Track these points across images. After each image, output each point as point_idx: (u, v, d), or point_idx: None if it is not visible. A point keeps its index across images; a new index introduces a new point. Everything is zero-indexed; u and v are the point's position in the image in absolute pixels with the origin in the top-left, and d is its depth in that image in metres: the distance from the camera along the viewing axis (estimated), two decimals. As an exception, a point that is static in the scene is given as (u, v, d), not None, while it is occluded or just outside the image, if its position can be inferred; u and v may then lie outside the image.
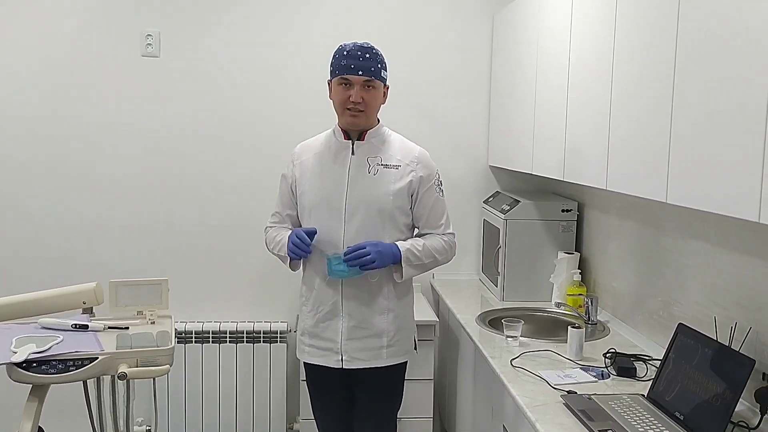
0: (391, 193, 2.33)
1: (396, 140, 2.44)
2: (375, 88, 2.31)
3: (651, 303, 2.56)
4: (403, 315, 2.43)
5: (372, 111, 2.35)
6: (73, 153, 3.46)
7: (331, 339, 2.38)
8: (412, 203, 2.38)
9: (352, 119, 2.32)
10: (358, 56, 2.26)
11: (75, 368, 2.04)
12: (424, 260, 2.35)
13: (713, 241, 2.18)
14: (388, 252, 2.29)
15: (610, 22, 2.17)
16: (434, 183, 2.41)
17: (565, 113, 2.56)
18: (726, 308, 2.09)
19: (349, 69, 2.26)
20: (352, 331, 2.36)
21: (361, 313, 2.36)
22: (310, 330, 2.42)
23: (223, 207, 3.55)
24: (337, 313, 2.36)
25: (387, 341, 2.38)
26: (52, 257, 3.47)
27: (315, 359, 2.42)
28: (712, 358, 1.88)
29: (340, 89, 2.30)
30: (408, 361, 2.49)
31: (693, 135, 1.69)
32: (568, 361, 2.39)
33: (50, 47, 3.40)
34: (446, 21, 3.59)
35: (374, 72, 2.29)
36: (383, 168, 2.35)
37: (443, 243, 2.42)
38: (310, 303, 2.42)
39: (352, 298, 2.35)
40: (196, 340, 3.44)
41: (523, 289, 3.21)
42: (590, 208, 3.15)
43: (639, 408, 1.96)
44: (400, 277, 2.34)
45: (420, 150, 2.43)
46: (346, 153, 2.37)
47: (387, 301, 2.38)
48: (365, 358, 2.37)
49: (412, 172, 2.36)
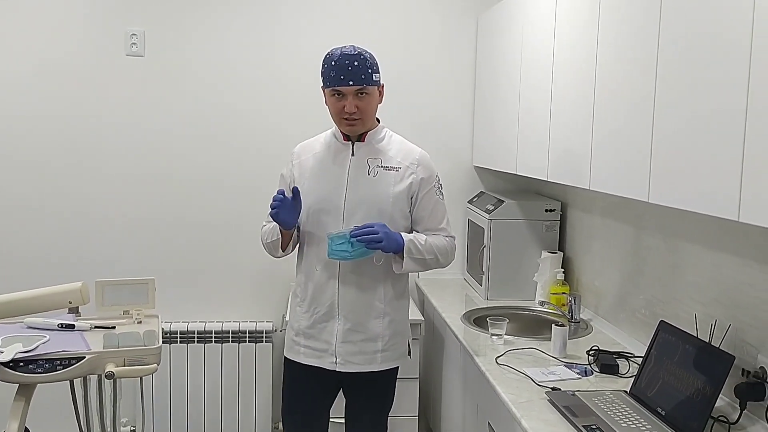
0: (391, 195, 2.31)
1: (396, 141, 2.42)
2: (369, 94, 2.27)
3: (633, 301, 2.60)
4: (398, 319, 2.42)
5: (369, 116, 2.32)
6: (58, 152, 3.44)
7: (326, 341, 2.35)
8: (412, 206, 2.36)
9: (350, 128, 2.31)
10: (346, 66, 2.21)
11: (62, 368, 2.03)
12: (426, 255, 2.32)
13: (694, 239, 2.22)
14: (393, 237, 2.25)
15: (593, 23, 2.21)
16: (434, 186, 2.38)
17: (549, 114, 2.60)
18: (706, 306, 2.13)
19: (339, 81, 2.22)
20: (348, 334, 2.33)
21: (357, 316, 2.33)
22: (305, 331, 2.38)
23: (210, 206, 3.54)
24: (333, 315, 2.33)
25: (382, 345, 2.36)
26: (38, 257, 3.46)
27: (310, 360, 2.38)
28: (693, 354, 1.92)
29: (334, 100, 2.27)
30: (400, 366, 2.48)
31: (674, 136, 1.73)
32: (552, 358, 2.42)
33: (33, 47, 3.38)
34: (431, 21, 3.61)
35: (365, 79, 2.24)
36: (383, 170, 2.33)
37: (445, 243, 2.39)
38: (306, 303, 2.38)
39: (348, 301, 2.32)
40: (181, 339, 3.44)
41: (507, 288, 3.24)
42: (573, 208, 3.19)
43: (622, 404, 2.00)
44: (400, 268, 2.31)
45: (421, 152, 2.40)
46: (346, 154, 2.35)
47: (383, 305, 2.35)
48: (359, 362, 2.35)
49: (412, 174, 2.34)
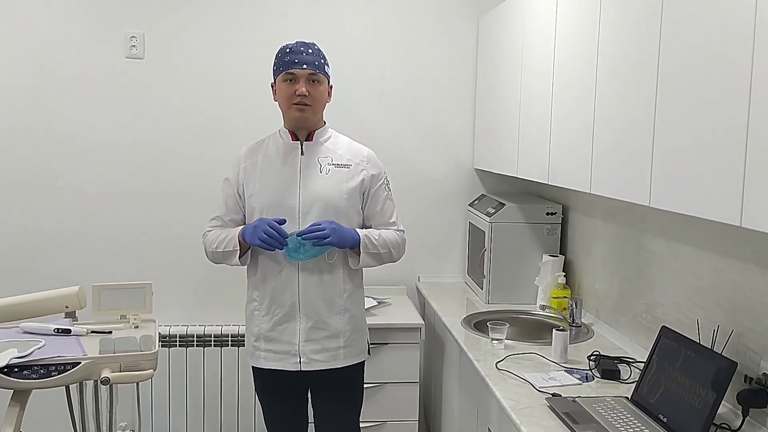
0: (345, 192, 2.34)
1: (344, 141, 2.46)
2: (320, 83, 2.32)
3: (634, 305, 2.58)
4: (358, 315, 2.45)
5: (318, 106, 2.36)
6: (56, 155, 3.42)
7: (288, 341, 2.36)
8: (363, 202, 2.40)
9: (299, 114, 2.32)
10: (301, 51, 2.29)
11: (57, 373, 2.02)
12: (380, 250, 2.36)
13: (695, 243, 2.20)
14: (346, 233, 2.29)
15: (594, 25, 2.19)
16: (384, 182, 2.44)
17: (550, 117, 2.57)
18: (707, 310, 2.11)
19: (293, 63, 2.28)
20: (310, 332, 2.35)
21: (318, 314, 2.35)
22: (265, 334, 2.39)
23: (210, 208, 3.51)
24: (294, 315, 2.35)
25: (344, 341, 2.39)
26: (35, 261, 3.43)
27: (272, 364, 2.39)
28: (695, 360, 1.90)
29: (285, 86, 2.31)
30: (365, 362, 2.50)
31: (676, 139, 1.71)
32: (553, 363, 2.40)
33: (33, 50, 3.36)
34: (431, 24, 3.59)
35: (318, 66, 2.30)
36: (335, 167, 2.36)
37: (397, 237, 2.44)
38: (265, 306, 2.39)
39: (309, 299, 2.34)
40: (180, 343, 3.42)
41: (508, 291, 3.22)
42: (575, 211, 3.17)
43: (623, 410, 1.97)
44: (357, 263, 2.35)
45: (368, 150, 2.45)
46: (296, 153, 2.37)
47: (343, 300, 2.38)
48: (323, 359, 2.37)
49: (363, 170, 2.38)
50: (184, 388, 3.44)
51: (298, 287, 2.34)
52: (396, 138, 3.61)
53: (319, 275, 2.34)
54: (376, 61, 3.57)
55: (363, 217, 2.42)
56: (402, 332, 3.16)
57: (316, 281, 2.34)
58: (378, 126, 3.56)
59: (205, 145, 3.50)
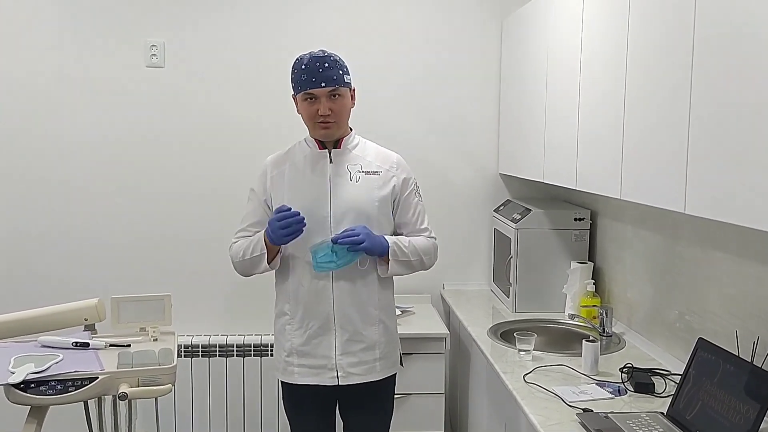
0: (376, 200, 2.29)
1: (372, 147, 2.39)
2: (341, 96, 2.24)
3: (668, 314, 2.48)
4: (391, 326, 2.39)
5: (343, 119, 2.29)
6: (77, 165, 3.43)
7: (324, 355, 2.28)
8: (395, 208, 2.34)
9: (325, 131, 2.26)
10: (317, 68, 2.19)
11: (74, 389, 1.99)
12: (411, 257, 2.30)
13: (733, 251, 2.10)
14: (377, 239, 2.23)
15: (622, 24, 2.10)
16: (414, 187, 2.38)
17: (577, 119, 2.49)
18: (744, 320, 2.01)
19: (311, 83, 2.20)
20: (347, 345, 2.28)
21: (354, 325, 2.28)
22: (299, 349, 2.31)
23: (233, 217, 3.48)
24: (329, 328, 2.28)
25: (379, 353, 2.32)
26: (53, 273, 3.43)
27: (307, 379, 2.31)
28: (734, 374, 1.80)
29: (306, 104, 2.24)
30: (397, 374, 2.43)
31: (712, 141, 1.62)
32: (583, 376, 2.31)
33: (54, 60, 3.37)
34: (455, 26, 3.53)
35: (337, 80, 2.21)
36: (364, 175, 2.30)
37: (429, 244, 2.38)
38: (297, 319, 2.31)
39: (344, 310, 2.27)
40: (203, 353, 3.38)
41: (535, 300, 3.14)
42: (604, 217, 3.08)
43: (658, 427, 1.88)
44: (386, 271, 2.29)
45: (397, 155, 2.39)
46: (324, 162, 2.31)
47: (377, 311, 2.32)
48: (360, 373, 2.30)
49: (393, 177, 2.33)
50: (207, 399, 3.41)
51: (333, 298, 2.27)
52: (419, 142, 3.55)
53: (353, 285, 2.27)
54: (399, 64, 3.52)
55: (394, 224, 2.36)
56: (427, 342, 3.10)
57: (350, 291, 2.27)
58: (401, 130, 3.51)
59: (226, 153, 3.47)
